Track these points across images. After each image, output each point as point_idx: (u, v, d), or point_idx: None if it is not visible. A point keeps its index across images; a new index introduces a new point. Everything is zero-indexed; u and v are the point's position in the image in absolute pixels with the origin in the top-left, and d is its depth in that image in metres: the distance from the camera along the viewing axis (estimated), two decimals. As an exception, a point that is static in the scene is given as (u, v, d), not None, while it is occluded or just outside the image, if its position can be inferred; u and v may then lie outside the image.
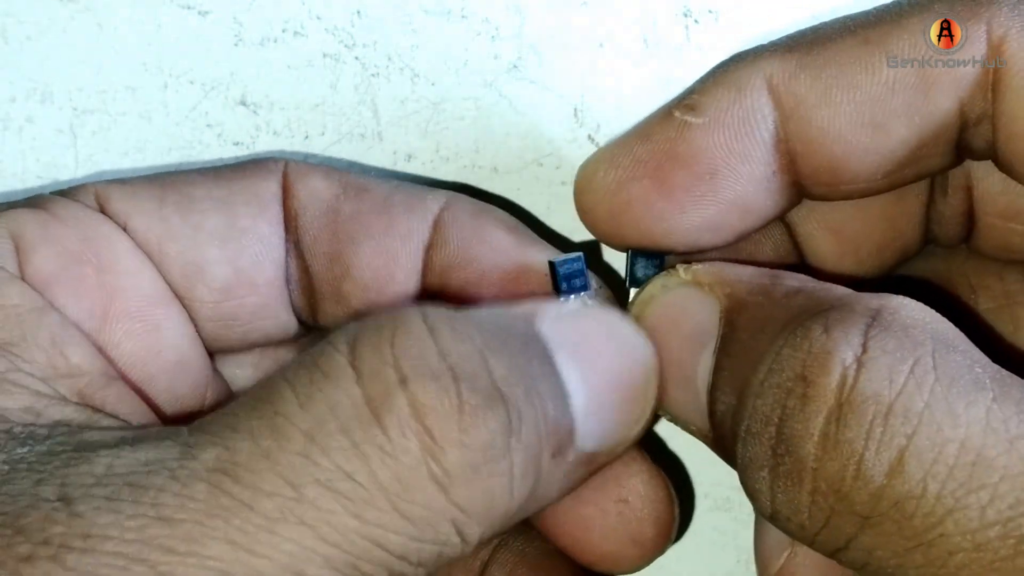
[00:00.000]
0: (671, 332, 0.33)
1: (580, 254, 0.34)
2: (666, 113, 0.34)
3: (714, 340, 0.32)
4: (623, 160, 0.34)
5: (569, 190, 0.40)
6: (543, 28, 0.39)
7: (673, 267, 0.34)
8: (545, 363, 0.31)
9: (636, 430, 0.34)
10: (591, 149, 0.40)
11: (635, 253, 0.35)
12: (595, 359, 0.33)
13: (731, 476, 0.40)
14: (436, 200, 0.36)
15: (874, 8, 0.34)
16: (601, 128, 0.39)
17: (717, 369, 0.32)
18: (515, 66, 0.39)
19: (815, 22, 0.38)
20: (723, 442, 0.32)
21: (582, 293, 0.34)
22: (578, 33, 0.39)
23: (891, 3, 0.34)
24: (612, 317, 0.34)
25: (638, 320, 0.34)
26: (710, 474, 0.41)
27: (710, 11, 0.39)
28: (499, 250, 0.35)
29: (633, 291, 0.35)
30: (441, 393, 0.28)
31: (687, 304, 0.33)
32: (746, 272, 0.33)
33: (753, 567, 0.42)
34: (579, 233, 0.40)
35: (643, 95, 0.39)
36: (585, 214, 0.35)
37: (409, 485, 0.28)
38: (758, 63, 0.34)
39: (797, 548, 0.35)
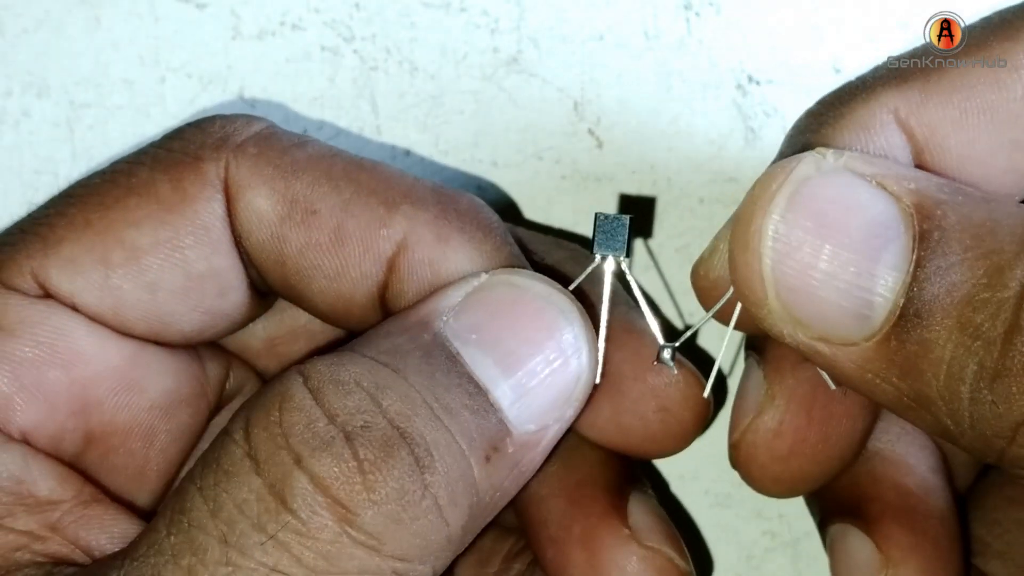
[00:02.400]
0: (832, 222, 0.28)
1: (629, 216, 0.33)
2: None
3: (899, 240, 0.28)
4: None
5: (569, 183, 0.39)
6: (542, 21, 0.39)
7: (817, 150, 0.30)
8: (451, 369, 0.31)
9: (581, 387, 0.32)
10: (591, 143, 0.39)
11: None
12: (506, 336, 0.31)
13: (731, 472, 0.40)
14: (394, 230, 0.33)
15: (969, 28, 0.33)
16: (601, 121, 0.39)
17: (919, 280, 0.28)
18: (514, 59, 0.39)
19: (816, 13, 0.38)
20: (906, 348, 0.28)
21: (620, 255, 0.33)
22: (578, 26, 0.39)
23: (985, 21, 0.33)
24: (512, 278, 0.32)
25: (790, 202, 0.29)
26: (711, 470, 0.41)
27: (711, 3, 0.38)
28: (462, 271, 0.33)
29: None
30: (337, 460, 0.28)
31: (853, 192, 0.29)
32: (925, 175, 0.30)
33: (755, 563, 0.42)
34: (580, 227, 0.40)
35: (644, 88, 0.39)
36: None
37: (337, 558, 0.28)
38: (876, 98, 0.32)
39: (761, 413, 0.35)
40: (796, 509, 0.41)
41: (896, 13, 0.38)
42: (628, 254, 0.33)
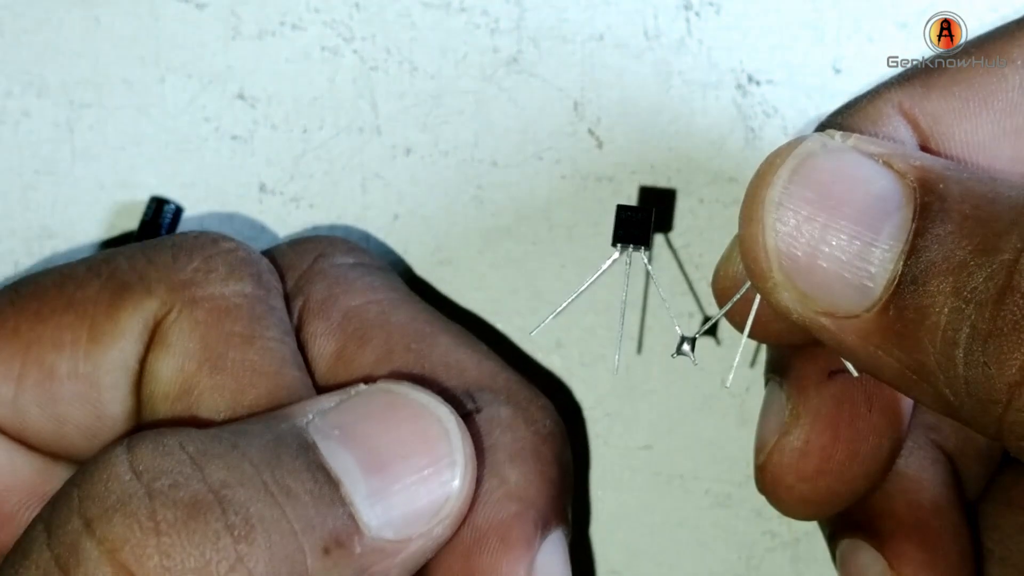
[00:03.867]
0: (834, 194, 0.29)
1: (653, 208, 0.33)
2: None
3: (901, 212, 0.28)
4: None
5: (569, 183, 0.39)
6: (543, 21, 0.39)
7: (826, 132, 0.30)
8: (301, 456, 0.28)
9: (452, 504, 0.30)
10: (591, 143, 0.39)
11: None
12: (373, 436, 0.29)
13: (732, 472, 0.40)
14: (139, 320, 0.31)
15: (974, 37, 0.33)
16: (601, 121, 0.39)
17: (917, 249, 0.28)
18: (514, 59, 0.39)
19: (816, 13, 0.38)
20: (904, 314, 0.28)
21: (641, 248, 0.32)
22: (578, 26, 0.39)
23: (990, 31, 0.33)
24: (391, 386, 0.31)
25: (793, 175, 0.29)
26: (711, 470, 0.41)
27: (711, 3, 0.38)
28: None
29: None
30: (130, 520, 0.25)
31: (856, 168, 0.29)
32: (931, 157, 0.30)
33: (755, 563, 0.42)
34: (579, 228, 0.40)
35: (644, 88, 0.39)
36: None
37: None
38: (881, 96, 0.32)
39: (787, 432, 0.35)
40: (796, 509, 0.41)
41: (896, 13, 0.38)
42: (649, 247, 0.33)
